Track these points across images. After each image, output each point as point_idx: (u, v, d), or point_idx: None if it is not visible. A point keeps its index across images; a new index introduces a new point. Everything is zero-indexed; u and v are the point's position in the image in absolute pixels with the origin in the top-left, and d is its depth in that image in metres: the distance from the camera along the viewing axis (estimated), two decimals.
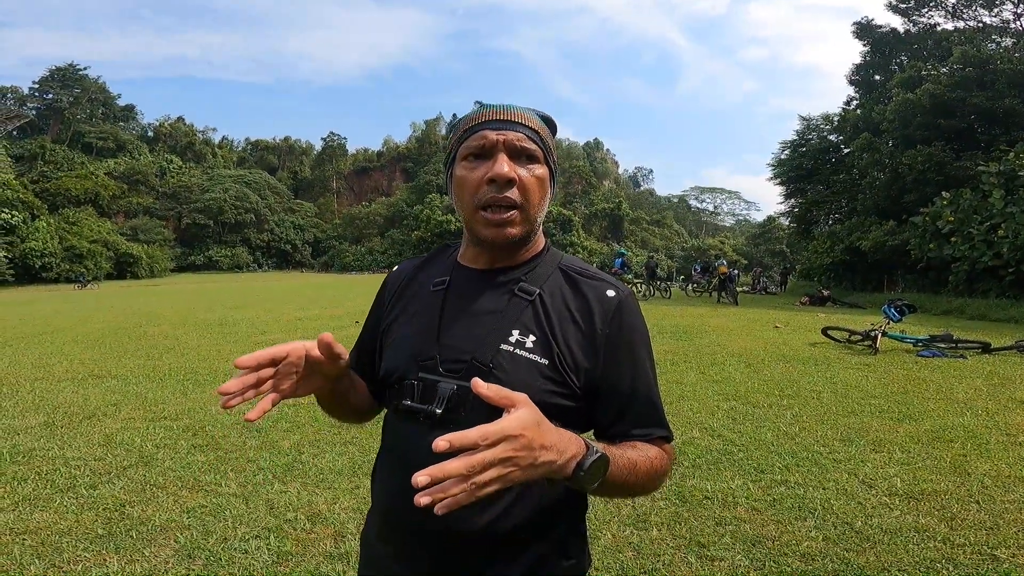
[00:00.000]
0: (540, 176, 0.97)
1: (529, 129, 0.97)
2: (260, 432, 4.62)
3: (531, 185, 0.95)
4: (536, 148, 0.97)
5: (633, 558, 2.78)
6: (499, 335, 0.95)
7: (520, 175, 0.94)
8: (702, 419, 5.00)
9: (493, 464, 0.69)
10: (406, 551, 0.97)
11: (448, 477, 0.67)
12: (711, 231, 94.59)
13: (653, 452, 0.95)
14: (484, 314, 0.98)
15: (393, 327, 1.07)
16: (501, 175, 0.92)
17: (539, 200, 0.98)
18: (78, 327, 11.80)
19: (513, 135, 0.95)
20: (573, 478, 0.78)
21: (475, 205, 0.95)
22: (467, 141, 0.97)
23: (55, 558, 2.73)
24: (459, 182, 0.98)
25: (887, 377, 6.75)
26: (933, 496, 3.44)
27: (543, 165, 0.98)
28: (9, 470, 3.81)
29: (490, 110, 0.98)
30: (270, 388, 0.89)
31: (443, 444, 0.66)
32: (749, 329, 11.08)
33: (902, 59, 27.65)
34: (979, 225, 16.59)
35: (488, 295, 1.00)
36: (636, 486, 0.91)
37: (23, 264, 43.31)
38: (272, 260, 76.87)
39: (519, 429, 0.71)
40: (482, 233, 0.96)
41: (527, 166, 0.96)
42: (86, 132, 70.14)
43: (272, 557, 2.76)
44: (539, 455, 0.73)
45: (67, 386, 6.30)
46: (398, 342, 1.03)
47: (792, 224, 34.40)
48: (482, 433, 0.68)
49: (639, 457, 0.91)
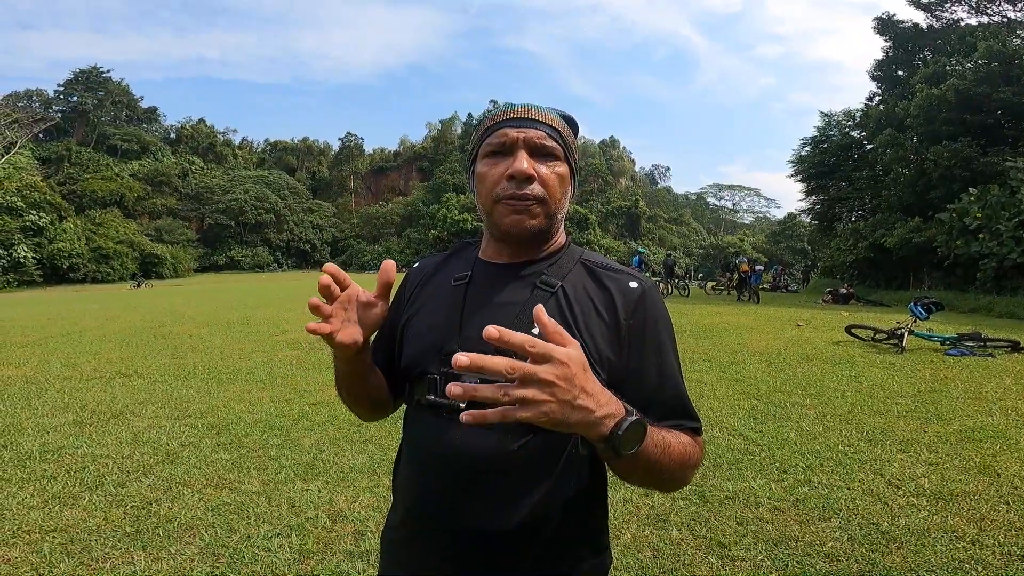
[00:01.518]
0: (560, 173, 0.97)
1: (549, 127, 0.97)
2: (282, 430, 4.67)
3: (551, 181, 0.96)
4: (556, 146, 0.97)
5: (653, 558, 2.76)
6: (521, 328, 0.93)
7: (540, 171, 0.95)
8: (723, 418, 4.95)
9: (534, 381, 0.67)
10: (429, 549, 0.97)
11: (487, 371, 0.65)
12: (730, 228, 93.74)
13: (685, 438, 0.93)
14: (506, 306, 0.97)
15: (413, 321, 1.06)
16: (520, 171, 0.93)
17: (559, 196, 0.98)
18: (105, 326, 12.03)
19: (534, 133, 0.96)
20: (610, 437, 0.75)
21: (494, 199, 0.96)
22: (488, 139, 0.98)
23: (84, 556, 2.78)
24: (480, 178, 0.99)
25: (914, 376, 6.62)
26: (962, 497, 3.37)
27: (563, 163, 0.98)
28: (39, 468, 3.89)
29: (511, 109, 0.99)
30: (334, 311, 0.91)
31: (494, 331, 0.65)
32: (770, 327, 10.95)
33: (925, 55, 27.15)
34: (1007, 221, 16.23)
35: (510, 288, 1.00)
36: (668, 470, 0.88)
37: (51, 265, 44.30)
38: (292, 260, 77.64)
39: (565, 358, 0.69)
40: (502, 223, 0.96)
41: (547, 163, 0.97)
42: (111, 134, 71.45)
43: (294, 555, 2.79)
44: (579, 396, 0.70)
45: (95, 384, 6.42)
46: (419, 335, 1.03)
47: (814, 221, 33.94)
48: (529, 340, 0.67)
49: (673, 439, 0.89)
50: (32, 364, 7.72)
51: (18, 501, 3.36)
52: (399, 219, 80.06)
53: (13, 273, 41.14)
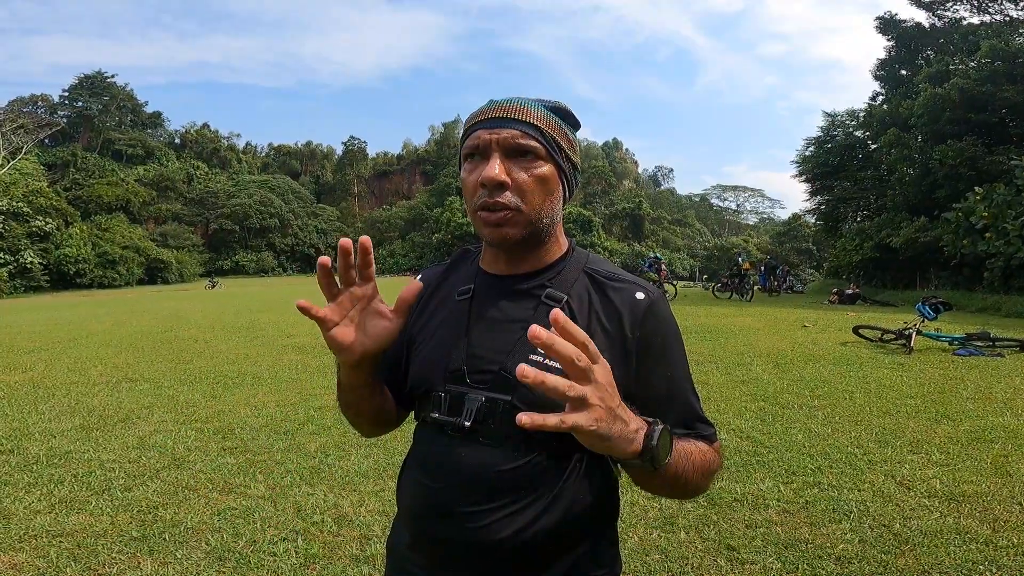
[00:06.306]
0: (541, 175, 0.91)
1: (527, 125, 0.91)
2: (287, 435, 4.67)
3: (527, 186, 0.90)
4: (536, 144, 0.91)
5: (660, 561, 2.74)
6: (528, 345, 0.92)
7: (515, 176, 0.90)
8: (730, 420, 4.92)
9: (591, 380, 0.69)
10: (435, 561, 0.96)
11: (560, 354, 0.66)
12: (734, 230, 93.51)
13: (703, 445, 0.93)
14: (512, 323, 0.95)
15: (419, 338, 1.04)
16: (489, 178, 0.88)
17: (541, 201, 0.92)
18: (112, 331, 12.07)
19: (508, 133, 0.90)
20: (644, 450, 0.76)
21: (473, 208, 0.93)
22: (467, 141, 0.94)
23: (91, 561, 2.77)
24: (462, 185, 0.96)
25: (923, 377, 6.58)
26: (974, 498, 3.33)
27: (546, 162, 0.92)
28: (46, 472, 3.90)
29: (489, 107, 0.94)
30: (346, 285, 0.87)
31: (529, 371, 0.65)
32: (776, 328, 10.91)
33: (928, 54, 27.05)
34: (1014, 220, 16.12)
35: (514, 303, 0.97)
36: (692, 478, 0.88)
37: (57, 270, 44.50)
38: (296, 264, 77.78)
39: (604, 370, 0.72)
40: (482, 234, 0.94)
41: (525, 165, 0.90)
42: (116, 139, 71.79)
43: (300, 560, 2.77)
44: (618, 408, 0.73)
45: (101, 389, 6.43)
46: (425, 353, 1.01)
47: (819, 221, 33.78)
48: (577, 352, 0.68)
49: (693, 447, 0.90)
50: (39, 369, 7.74)
51: (25, 506, 3.36)
52: (403, 223, 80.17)
53: (20, 279, 41.31)
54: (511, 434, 0.89)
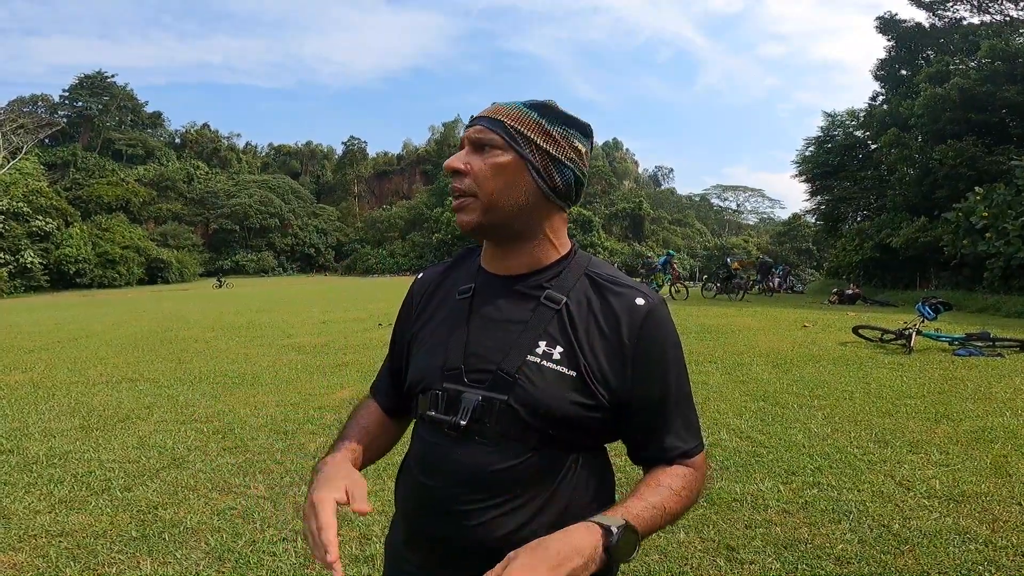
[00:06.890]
0: (496, 163, 0.94)
1: (491, 120, 0.96)
2: (287, 435, 4.67)
3: (480, 172, 0.94)
4: (495, 136, 0.94)
5: (659, 561, 2.74)
6: (526, 346, 0.93)
7: (473, 164, 0.95)
8: (729, 420, 4.92)
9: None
10: (432, 560, 0.97)
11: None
12: (734, 230, 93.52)
13: (678, 483, 0.94)
14: (510, 323, 0.96)
15: (420, 336, 1.06)
16: (445, 166, 0.97)
17: (496, 187, 0.94)
18: (111, 331, 12.07)
19: (473, 129, 0.97)
20: (613, 560, 0.81)
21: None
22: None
23: (90, 560, 2.77)
24: None
25: (923, 377, 6.58)
26: (974, 498, 3.33)
27: (507, 152, 0.94)
28: (46, 472, 3.90)
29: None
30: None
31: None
32: (776, 328, 10.90)
33: (928, 54, 27.06)
34: (1014, 220, 16.14)
35: (514, 303, 0.98)
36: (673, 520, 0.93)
37: (58, 270, 44.52)
38: (296, 264, 77.87)
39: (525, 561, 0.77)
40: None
41: (483, 155, 0.95)
42: (116, 139, 71.93)
43: (299, 560, 2.77)
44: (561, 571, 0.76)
45: (101, 389, 6.43)
46: (424, 351, 1.02)
47: (819, 222, 33.77)
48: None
49: (665, 498, 0.92)
50: (39, 369, 7.75)
51: (24, 505, 3.36)
52: (403, 223, 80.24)
53: (20, 278, 41.36)
54: (507, 433, 0.90)
